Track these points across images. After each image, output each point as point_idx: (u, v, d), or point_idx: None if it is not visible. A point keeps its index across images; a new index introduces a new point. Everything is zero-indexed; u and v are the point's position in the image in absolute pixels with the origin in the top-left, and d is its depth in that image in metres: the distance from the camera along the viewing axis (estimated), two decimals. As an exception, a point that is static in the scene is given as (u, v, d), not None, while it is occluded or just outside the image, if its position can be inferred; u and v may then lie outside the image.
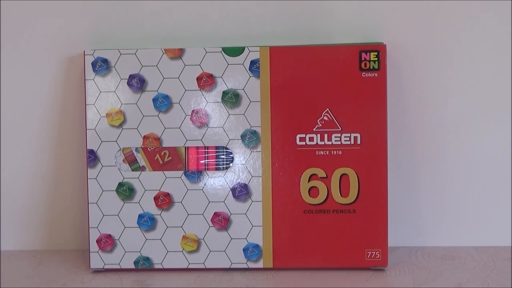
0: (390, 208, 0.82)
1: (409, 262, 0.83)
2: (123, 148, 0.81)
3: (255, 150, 0.81)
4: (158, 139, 0.81)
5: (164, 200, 0.81)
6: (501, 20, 0.84)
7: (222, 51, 0.81)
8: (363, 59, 0.80)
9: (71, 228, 0.88)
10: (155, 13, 0.85)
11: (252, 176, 0.81)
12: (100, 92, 0.81)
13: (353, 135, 0.80)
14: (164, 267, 0.81)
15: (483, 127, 0.85)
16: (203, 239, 0.81)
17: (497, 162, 0.85)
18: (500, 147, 0.85)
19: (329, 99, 0.80)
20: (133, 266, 0.81)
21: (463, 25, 0.84)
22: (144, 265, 0.81)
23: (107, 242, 0.81)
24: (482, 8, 0.84)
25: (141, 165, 0.82)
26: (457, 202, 0.86)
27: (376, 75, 0.80)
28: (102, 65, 0.81)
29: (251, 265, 0.81)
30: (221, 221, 0.81)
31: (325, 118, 0.80)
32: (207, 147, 0.81)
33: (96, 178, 0.81)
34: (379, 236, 0.80)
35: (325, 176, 0.80)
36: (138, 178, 0.81)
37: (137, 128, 0.81)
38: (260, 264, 0.81)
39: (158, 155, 0.81)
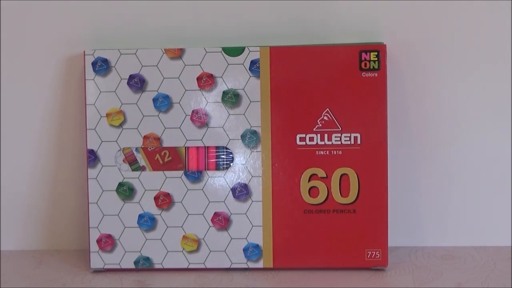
0: (390, 208, 0.82)
1: (409, 262, 0.83)
2: (123, 148, 0.81)
3: (255, 150, 0.81)
4: (158, 139, 0.81)
5: (164, 200, 0.81)
6: (501, 20, 0.84)
7: (222, 51, 0.81)
8: (363, 59, 0.80)
9: (71, 228, 0.88)
10: (155, 13, 0.85)
11: (252, 176, 0.81)
12: (100, 92, 0.81)
13: (353, 135, 0.80)
14: (164, 267, 0.81)
15: (483, 127, 0.85)
16: (203, 239, 0.81)
17: (497, 162, 0.85)
18: (500, 147, 0.85)
19: (329, 99, 0.80)
20: (133, 266, 0.81)
21: (463, 25, 0.84)
22: (144, 265, 0.81)
23: (107, 242, 0.81)
24: (482, 8, 0.84)
25: (141, 165, 0.81)
26: (457, 202, 0.86)
27: (376, 75, 0.80)
28: (102, 65, 0.81)
29: (251, 265, 0.81)
30: (221, 221, 0.81)
31: (325, 118, 0.80)
32: (207, 147, 0.81)
33: (96, 178, 0.81)
34: (379, 236, 0.80)
35: (325, 176, 0.80)
36: (138, 178, 0.81)
37: (137, 128, 0.81)
38: (260, 264, 0.81)
39: (158, 155, 0.81)
